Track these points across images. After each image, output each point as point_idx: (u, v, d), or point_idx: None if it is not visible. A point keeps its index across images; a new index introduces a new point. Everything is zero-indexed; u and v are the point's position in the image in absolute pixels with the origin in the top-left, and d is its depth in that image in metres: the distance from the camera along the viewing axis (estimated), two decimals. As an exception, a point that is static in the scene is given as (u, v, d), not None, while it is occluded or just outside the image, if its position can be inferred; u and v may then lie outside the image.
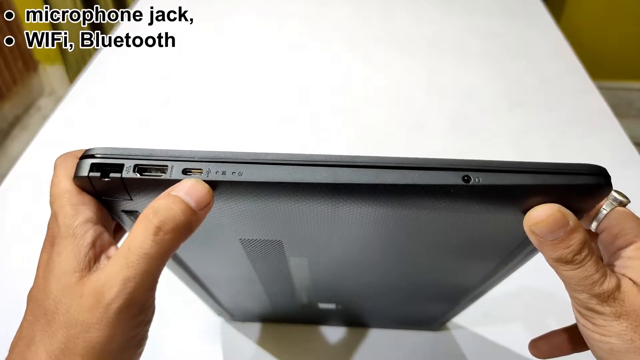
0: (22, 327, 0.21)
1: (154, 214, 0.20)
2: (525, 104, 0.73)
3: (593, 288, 0.21)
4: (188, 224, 0.21)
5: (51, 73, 1.85)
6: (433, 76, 0.79)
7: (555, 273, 0.23)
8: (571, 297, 0.23)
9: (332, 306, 0.40)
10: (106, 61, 0.82)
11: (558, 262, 0.22)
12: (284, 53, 0.84)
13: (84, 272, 0.21)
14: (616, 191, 0.22)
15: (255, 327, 0.45)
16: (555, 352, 0.30)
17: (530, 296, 0.48)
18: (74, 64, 1.75)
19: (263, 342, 0.44)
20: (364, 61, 0.82)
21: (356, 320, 0.45)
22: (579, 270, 0.21)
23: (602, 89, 0.75)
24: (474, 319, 0.46)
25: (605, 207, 0.23)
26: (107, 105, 0.72)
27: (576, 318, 0.24)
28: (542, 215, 0.21)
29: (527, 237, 0.22)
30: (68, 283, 0.20)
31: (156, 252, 0.20)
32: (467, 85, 0.76)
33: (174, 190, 0.21)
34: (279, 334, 0.45)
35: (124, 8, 1.61)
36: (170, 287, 0.45)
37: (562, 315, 0.31)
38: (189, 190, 0.20)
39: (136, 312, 0.20)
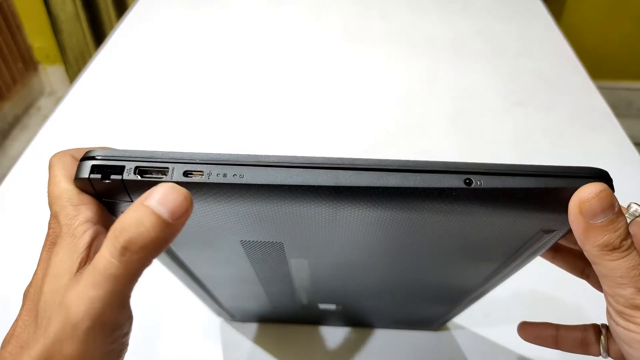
0: (17, 325, 0.21)
1: (120, 231, 0.19)
2: (525, 104, 0.73)
3: None
4: (160, 239, 0.19)
5: (51, 73, 1.85)
6: (433, 76, 0.79)
7: (555, 279, 0.22)
8: (611, 296, 0.22)
9: (332, 306, 0.40)
10: (106, 61, 0.82)
11: (604, 250, 0.20)
12: (285, 54, 0.84)
13: (72, 276, 0.20)
14: (636, 203, 0.22)
15: (255, 328, 0.45)
16: (540, 342, 0.30)
17: (530, 297, 0.48)
18: (74, 64, 1.75)
19: (263, 342, 0.44)
20: (363, 61, 0.82)
21: (356, 321, 0.45)
22: (626, 259, 0.20)
23: (602, 89, 0.75)
24: (475, 320, 0.46)
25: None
26: (107, 105, 0.72)
27: (613, 321, 0.23)
28: (594, 191, 0.19)
29: (529, 240, 0.22)
30: (58, 287, 0.20)
31: (123, 273, 0.19)
32: (466, 85, 0.76)
33: (146, 199, 0.19)
34: (279, 334, 0.45)
35: (124, 8, 1.61)
36: (170, 287, 0.45)
37: (562, 316, 0.31)
38: (162, 198, 0.19)
39: (109, 330, 0.20)
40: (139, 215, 0.19)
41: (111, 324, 0.20)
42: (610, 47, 1.64)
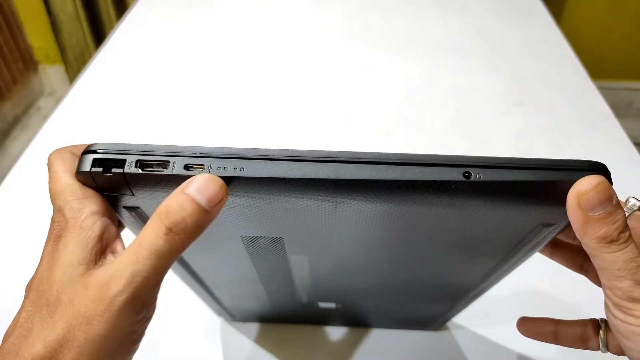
0: (20, 316, 0.21)
1: (166, 215, 0.20)
2: (525, 104, 0.73)
3: (638, 272, 0.20)
4: (199, 224, 0.21)
5: (51, 73, 1.85)
6: (433, 76, 0.79)
7: (554, 278, 0.22)
8: (609, 289, 0.22)
9: (332, 305, 0.40)
10: (106, 61, 0.82)
11: (602, 242, 0.20)
12: (286, 53, 0.84)
13: (90, 265, 0.21)
14: (634, 197, 0.22)
15: (256, 328, 0.45)
16: (540, 337, 0.30)
17: (530, 296, 0.48)
18: (74, 64, 1.75)
19: (263, 342, 0.44)
20: (363, 60, 0.82)
21: (356, 320, 0.45)
22: (624, 252, 0.20)
23: (602, 89, 0.75)
24: (474, 319, 0.46)
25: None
26: (107, 105, 0.72)
27: (611, 314, 0.23)
28: (592, 184, 0.20)
29: (528, 234, 0.22)
30: (74, 275, 0.20)
31: (167, 251, 0.20)
32: (466, 85, 0.77)
33: (186, 187, 0.20)
34: (279, 334, 0.45)
35: (124, 8, 1.61)
36: (171, 287, 0.45)
37: (562, 315, 0.31)
38: (200, 187, 0.20)
39: (140, 307, 0.20)
40: (181, 201, 0.20)
41: (143, 300, 0.20)
42: (610, 47, 1.64)
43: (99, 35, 1.70)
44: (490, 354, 0.44)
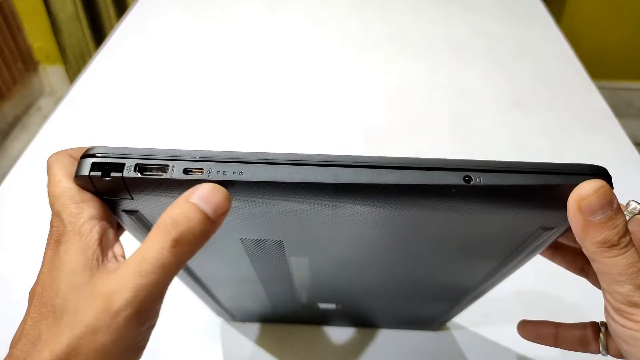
0: (26, 323, 0.21)
1: (172, 225, 0.20)
2: (525, 104, 0.73)
3: (639, 277, 0.20)
4: (205, 234, 0.20)
5: (51, 73, 1.85)
6: (433, 76, 0.79)
7: (555, 278, 0.22)
8: (609, 293, 0.22)
9: (332, 306, 0.40)
10: (106, 61, 0.82)
11: (602, 247, 0.20)
12: (285, 52, 0.84)
13: (93, 271, 0.21)
14: (635, 201, 0.22)
15: (255, 328, 0.45)
16: (540, 340, 0.30)
17: (530, 297, 0.48)
18: (74, 64, 1.75)
19: (263, 342, 0.44)
20: (363, 61, 0.82)
21: (356, 320, 0.45)
22: (624, 256, 0.20)
23: (602, 89, 0.75)
24: (474, 319, 0.46)
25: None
26: (107, 105, 0.72)
27: (611, 318, 0.23)
28: (592, 188, 0.20)
29: (528, 237, 0.22)
30: (78, 282, 0.20)
31: (172, 263, 0.20)
32: (467, 85, 0.76)
33: (191, 196, 0.20)
34: (279, 334, 0.45)
35: (124, 8, 1.61)
36: (171, 287, 0.45)
37: (562, 316, 0.31)
38: (205, 196, 0.20)
39: (144, 319, 0.20)
40: (185, 211, 0.20)
41: (149, 312, 0.20)
42: (610, 47, 1.64)
43: (99, 35, 1.70)
44: (490, 354, 0.44)
